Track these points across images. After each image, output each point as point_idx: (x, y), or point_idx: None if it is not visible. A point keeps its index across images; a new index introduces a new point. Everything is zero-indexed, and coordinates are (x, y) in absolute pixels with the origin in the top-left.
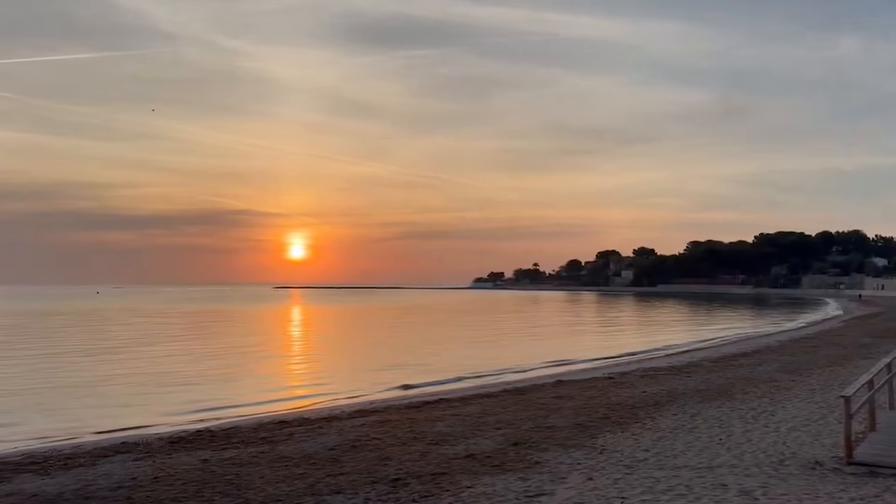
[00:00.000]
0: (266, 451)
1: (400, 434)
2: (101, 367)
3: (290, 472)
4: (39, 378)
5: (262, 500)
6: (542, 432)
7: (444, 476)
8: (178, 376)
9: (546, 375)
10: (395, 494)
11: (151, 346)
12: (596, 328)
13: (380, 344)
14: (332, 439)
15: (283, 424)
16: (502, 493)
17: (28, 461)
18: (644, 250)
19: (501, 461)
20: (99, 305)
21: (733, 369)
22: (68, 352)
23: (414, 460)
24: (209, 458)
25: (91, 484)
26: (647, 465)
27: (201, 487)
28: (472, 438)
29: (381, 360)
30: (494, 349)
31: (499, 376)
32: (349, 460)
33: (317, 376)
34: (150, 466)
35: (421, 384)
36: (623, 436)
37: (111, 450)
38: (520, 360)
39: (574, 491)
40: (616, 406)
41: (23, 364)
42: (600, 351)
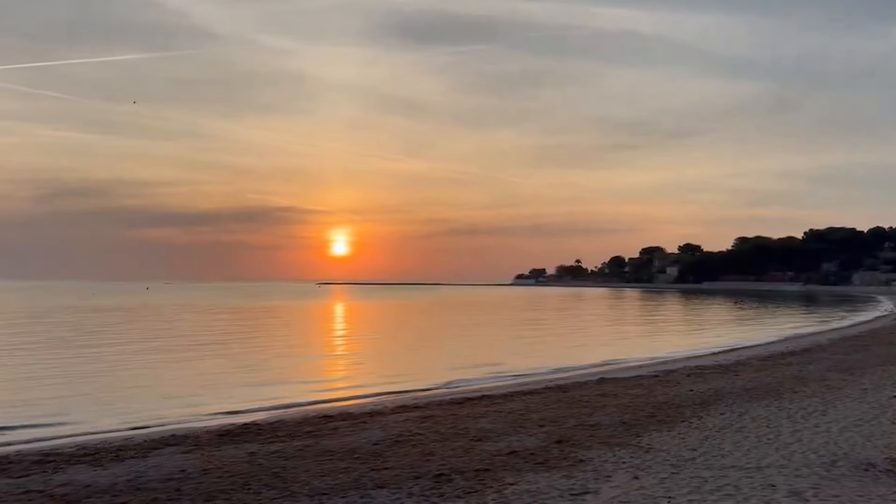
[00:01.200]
0: (311, 444)
1: (442, 430)
2: (159, 362)
3: (334, 466)
4: (97, 371)
5: (308, 493)
6: (585, 430)
7: (487, 472)
8: (232, 371)
9: (589, 373)
10: (438, 490)
11: (206, 343)
12: (640, 326)
13: (425, 340)
14: (375, 434)
15: (327, 419)
16: (546, 491)
17: (81, 452)
18: (690, 246)
19: (545, 458)
20: (152, 301)
21: (782, 368)
22: (128, 346)
23: (457, 456)
24: (256, 451)
25: (142, 475)
26: (694, 465)
27: (248, 480)
28: (514, 435)
29: (427, 356)
30: (537, 345)
31: (542, 374)
32: (392, 455)
33: (362, 371)
34: (198, 459)
35: (463, 381)
36: (669, 435)
37: (161, 442)
38: (563, 357)
39: (619, 490)
40: (662, 404)
41: (86, 358)
42: (644, 348)
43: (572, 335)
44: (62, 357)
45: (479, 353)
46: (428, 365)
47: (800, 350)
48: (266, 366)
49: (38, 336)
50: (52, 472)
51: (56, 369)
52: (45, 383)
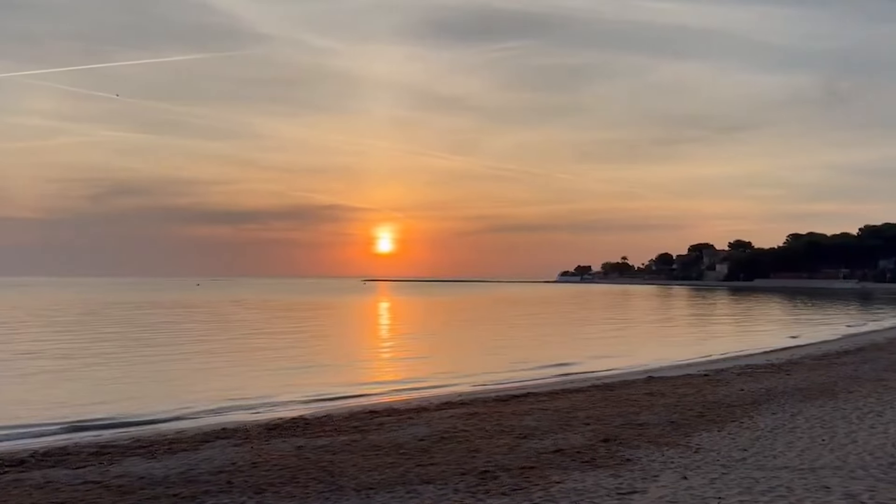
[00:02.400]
0: (358, 439)
1: (488, 427)
2: (214, 357)
3: (381, 461)
4: (157, 366)
5: (355, 487)
6: (633, 429)
7: (532, 470)
8: (282, 365)
9: (637, 371)
10: (484, 486)
11: (258, 337)
12: (688, 324)
13: (471, 336)
14: (421, 430)
15: (373, 414)
16: (593, 490)
17: (136, 445)
18: (740, 243)
19: (591, 457)
20: (204, 297)
21: (836, 367)
22: (186, 341)
23: (502, 453)
24: (304, 445)
25: (194, 468)
26: (745, 465)
27: (297, 473)
28: (560, 433)
29: (472, 353)
30: (582, 343)
31: (587, 372)
32: (438, 451)
33: (408, 367)
34: (248, 452)
35: (505, 380)
36: (719, 435)
37: (212, 435)
38: (608, 355)
39: (668, 490)
40: (711, 404)
41: (144, 353)
42: (693, 347)
43: (617, 332)
44: (125, 353)
45: (524, 350)
46: (474, 362)
47: (854, 349)
48: (314, 361)
49: (104, 333)
50: (108, 463)
51: (120, 365)
52: (113, 379)
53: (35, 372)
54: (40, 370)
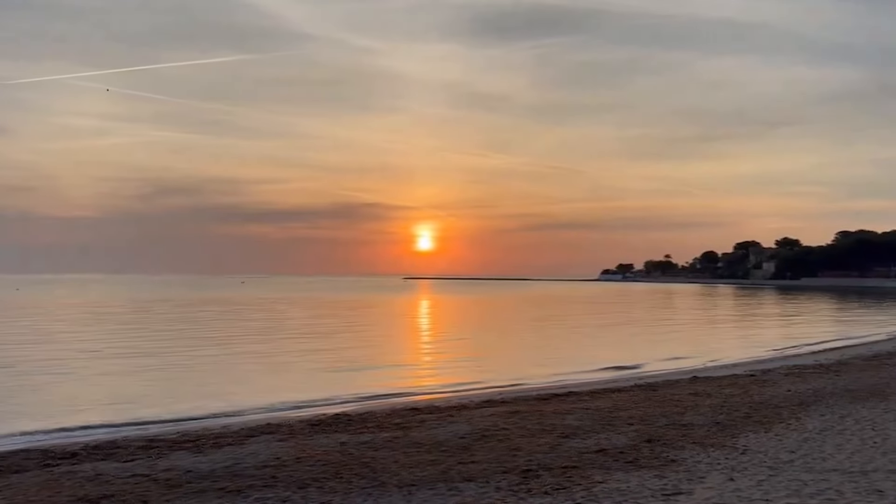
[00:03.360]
0: (399, 436)
1: (529, 425)
2: (261, 354)
3: (422, 458)
4: (206, 362)
5: (397, 483)
6: (677, 430)
7: (575, 469)
8: (325, 361)
9: (681, 371)
10: (526, 485)
11: (305, 335)
12: (734, 323)
13: (512, 334)
14: (462, 428)
15: (414, 411)
16: (636, 490)
17: (183, 439)
18: (787, 241)
19: (635, 457)
20: (252, 294)
21: (888, 368)
22: (235, 339)
23: (544, 452)
24: (346, 441)
25: (240, 462)
26: (793, 468)
27: (340, 469)
28: (603, 433)
29: (514, 351)
30: (626, 342)
31: (629, 371)
32: (479, 449)
33: (449, 365)
34: (292, 447)
35: (542, 379)
36: (766, 436)
37: (257, 430)
38: (651, 355)
39: (714, 491)
40: (758, 405)
41: (194, 350)
42: (739, 346)
43: (662, 331)
44: (177, 350)
45: (565, 350)
46: (515, 360)
47: None
48: (357, 357)
49: (158, 330)
50: (156, 457)
51: (171, 361)
52: (163, 376)
53: (93, 369)
54: (98, 368)
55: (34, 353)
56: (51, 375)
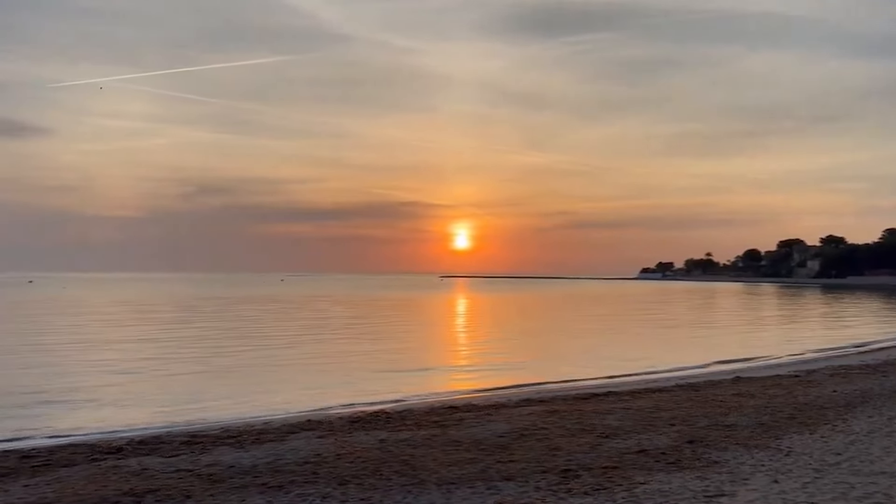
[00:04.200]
0: (438, 434)
1: (568, 425)
2: (301, 353)
3: (461, 457)
4: (247, 359)
5: (436, 482)
6: (720, 431)
7: (615, 470)
8: (365, 359)
9: (723, 371)
10: (565, 485)
11: (345, 333)
12: (778, 322)
13: (550, 333)
14: (500, 426)
15: (453, 409)
16: (678, 492)
17: (225, 434)
18: (832, 239)
19: (676, 458)
20: (293, 292)
21: None
22: (279, 336)
23: (584, 452)
24: (385, 438)
25: (281, 458)
26: (840, 470)
27: (379, 466)
28: (643, 433)
29: (554, 350)
30: (665, 342)
31: (671, 371)
32: (518, 448)
33: (488, 363)
34: (332, 444)
35: (584, 378)
36: (811, 438)
37: (297, 427)
38: (694, 355)
39: (758, 493)
40: (803, 406)
41: (240, 348)
42: (783, 346)
43: (704, 331)
44: (221, 347)
45: (602, 349)
46: (553, 359)
47: None
48: (396, 355)
49: (209, 326)
50: (199, 452)
51: (215, 358)
52: (209, 372)
53: (142, 367)
54: (147, 366)
55: (82, 352)
56: (100, 373)
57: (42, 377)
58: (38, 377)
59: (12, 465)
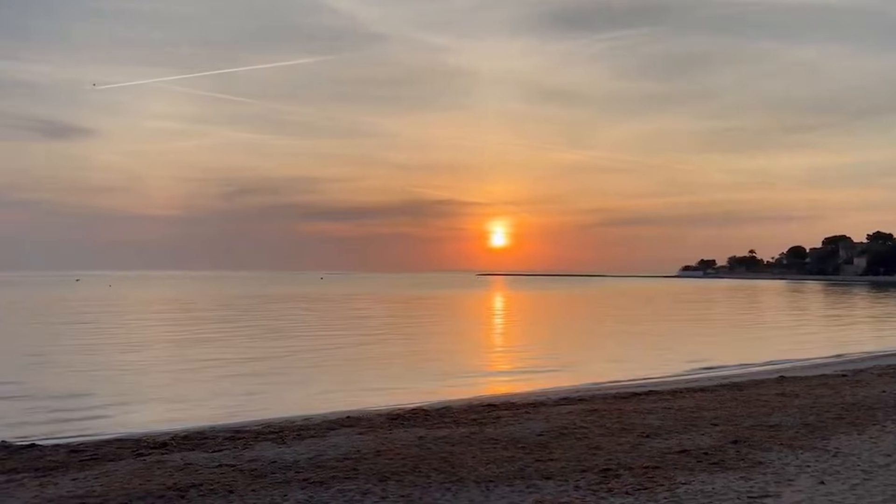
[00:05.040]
0: (476, 432)
1: (608, 424)
2: (345, 349)
3: (499, 455)
4: (289, 357)
5: (475, 479)
6: (764, 431)
7: (656, 470)
8: (405, 356)
9: (767, 370)
10: (606, 484)
11: (384, 332)
12: (823, 321)
13: (591, 331)
14: (539, 425)
15: (491, 407)
16: (721, 492)
17: (267, 430)
18: (880, 235)
19: (720, 459)
20: (335, 291)
21: None
22: (324, 333)
23: (625, 452)
24: (424, 435)
25: (322, 454)
26: (890, 472)
27: (418, 463)
28: (685, 433)
29: (594, 348)
30: (708, 340)
31: (713, 370)
32: (557, 447)
33: (526, 361)
34: (372, 440)
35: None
36: (859, 438)
37: (337, 423)
38: (736, 354)
39: (803, 494)
40: (850, 406)
41: (285, 347)
42: (828, 345)
43: (748, 329)
44: (265, 344)
45: (643, 347)
46: (593, 358)
47: None
48: (436, 353)
49: (251, 324)
50: (242, 448)
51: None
52: (252, 371)
53: (184, 364)
54: (189, 363)
55: (127, 349)
56: (145, 370)
57: (89, 374)
58: (85, 374)
59: (61, 459)
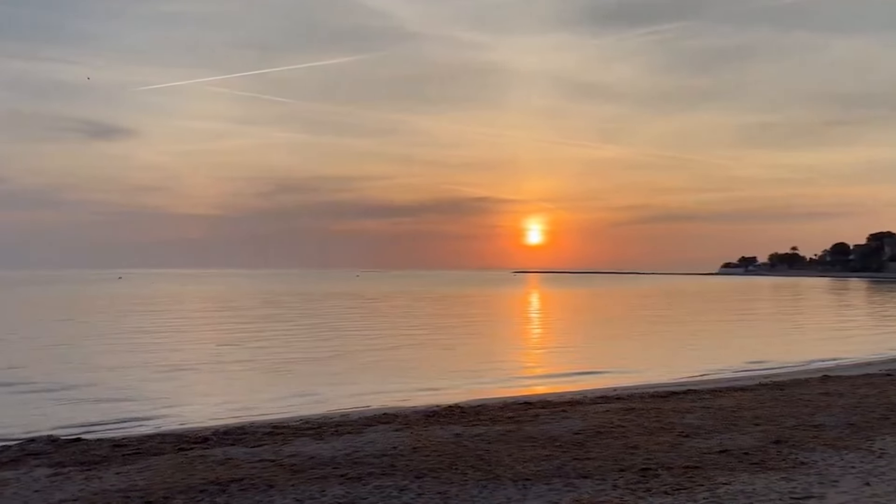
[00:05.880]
0: (513, 430)
1: (646, 423)
2: (385, 348)
3: (536, 453)
4: (331, 356)
5: (512, 477)
6: (807, 431)
7: (696, 470)
8: (441, 353)
9: (810, 370)
10: (645, 484)
11: (428, 329)
12: (868, 319)
13: (627, 329)
14: (576, 423)
15: (527, 405)
16: (763, 493)
17: (305, 426)
18: None
19: (761, 459)
20: (370, 288)
21: None
22: (362, 331)
23: (664, 451)
24: (461, 433)
25: (359, 450)
26: None
27: (455, 460)
28: (726, 433)
29: (632, 347)
30: (749, 339)
31: (753, 370)
32: (595, 446)
33: (563, 360)
34: (408, 437)
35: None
36: None
37: (374, 420)
38: (777, 352)
39: (848, 496)
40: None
41: (324, 344)
42: (873, 344)
43: (790, 327)
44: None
45: (683, 346)
46: (632, 356)
47: None
48: (472, 350)
49: (288, 320)
50: (281, 443)
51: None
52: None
53: (225, 360)
54: (230, 359)
55: (171, 346)
56: (187, 366)
57: (132, 370)
58: (128, 370)
59: (105, 454)
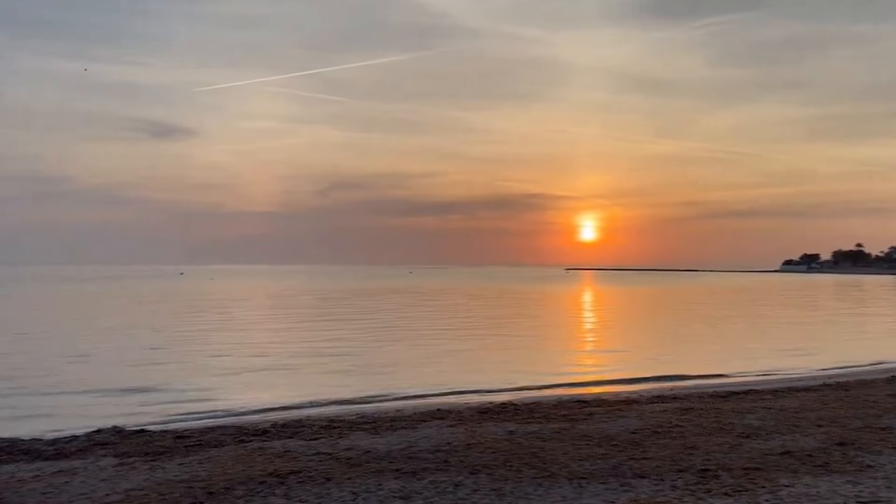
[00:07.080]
0: (567, 428)
1: (705, 423)
2: (438, 344)
3: (591, 452)
4: (387, 350)
5: (567, 475)
6: (874, 433)
7: (757, 472)
8: (500, 350)
9: (877, 371)
10: (704, 485)
11: (483, 326)
12: None
13: (686, 328)
14: (632, 423)
15: (582, 404)
16: (827, 496)
17: (361, 420)
18: None
19: (825, 461)
20: (424, 285)
21: None
22: (417, 327)
23: (723, 452)
24: (514, 430)
25: (413, 445)
26: None
27: (509, 457)
28: (788, 434)
29: (691, 345)
30: (814, 339)
31: (817, 370)
32: (651, 445)
33: (619, 358)
34: (462, 433)
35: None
36: None
37: (428, 415)
38: (840, 352)
39: None
40: None
41: (380, 340)
42: None
43: (855, 327)
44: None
45: (743, 345)
46: (689, 355)
47: None
48: (526, 347)
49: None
50: (337, 437)
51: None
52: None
53: (284, 355)
54: (288, 354)
55: (233, 340)
56: (248, 360)
57: (195, 364)
58: (191, 364)
59: (168, 445)
